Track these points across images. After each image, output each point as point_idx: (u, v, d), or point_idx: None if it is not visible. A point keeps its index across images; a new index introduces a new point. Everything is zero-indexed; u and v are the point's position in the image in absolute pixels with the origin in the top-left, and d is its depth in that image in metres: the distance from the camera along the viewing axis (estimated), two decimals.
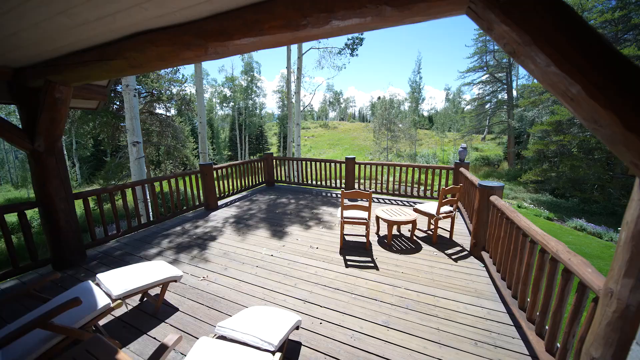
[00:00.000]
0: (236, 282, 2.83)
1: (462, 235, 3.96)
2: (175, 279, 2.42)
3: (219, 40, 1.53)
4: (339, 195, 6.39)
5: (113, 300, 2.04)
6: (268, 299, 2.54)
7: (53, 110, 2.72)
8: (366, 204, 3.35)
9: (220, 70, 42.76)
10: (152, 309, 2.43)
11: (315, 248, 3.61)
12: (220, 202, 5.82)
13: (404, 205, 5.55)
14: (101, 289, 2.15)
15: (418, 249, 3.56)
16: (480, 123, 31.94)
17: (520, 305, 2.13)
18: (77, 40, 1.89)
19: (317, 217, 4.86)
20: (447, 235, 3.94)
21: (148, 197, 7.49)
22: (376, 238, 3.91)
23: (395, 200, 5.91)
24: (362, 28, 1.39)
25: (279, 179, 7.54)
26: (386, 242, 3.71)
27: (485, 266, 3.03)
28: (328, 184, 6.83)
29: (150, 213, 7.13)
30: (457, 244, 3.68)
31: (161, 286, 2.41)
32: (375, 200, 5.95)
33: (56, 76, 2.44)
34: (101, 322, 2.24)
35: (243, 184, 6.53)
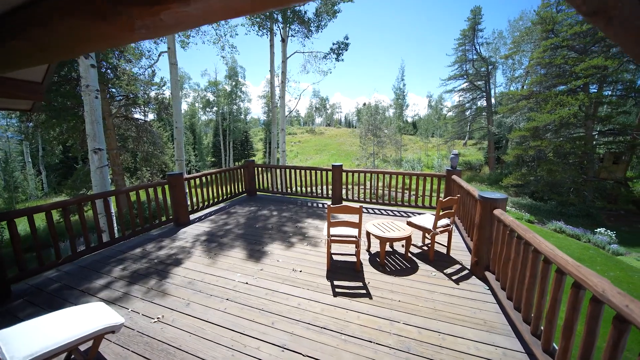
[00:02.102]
0: (199, 324, 2.28)
1: (460, 251, 3.62)
2: (112, 329, 1.86)
3: (146, 7, 1.06)
4: (325, 206, 5.95)
5: None
6: (237, 348, 2.02)
7: None
8: (355, 218, 2.93)
9: (203, 74, 41.67)
10: None
11: (299, 271, 3.12)
12: (193, 216, 5.20)
13: (395, 216, 5.19)
14: None
15: (414, 268, 3.17)
16: (461, 129, 32.93)
17: (544, 348, 1.75)
18: None
19: (301, 231, 4.38)
20: (443, 250, 3.59)
21: (113, 212, 6.69)
22: (367, 256, 3.49)
23: (385, 210, 5.55)
24: None
25: (263, 187, 7.00)
26: (379, 262, 3.29)
27: (491, 288, 2.68)
28: (314, 192, 6.39)
29: (116, 230, 6.34)
30: (455, 261, 3.33)
31: (93, 340, 1.84)
32: (364, 210, 5.56)
33: None
34: None
35: (221, 194, 5.95)
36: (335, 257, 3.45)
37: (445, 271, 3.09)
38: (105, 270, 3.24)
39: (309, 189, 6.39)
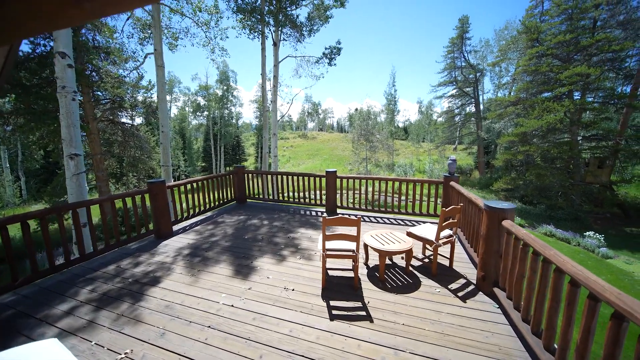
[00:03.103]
0: None
1: (463, 263, 3.41)
2: None
3: None
4: (319, 214, 5.68)
5: None
6: None
7: None
8: (353, 231, 2.68)
9: (194, 78, 41.03)
10: None
11: (291, 290, 2.83)
12: (177, 227, 4.83)
13: (392, 224, 4.97)
14: None
15: (416, 284, 2.93)
16: (452, 134, 33.47)
17: None
18: None
19: (293, 243, 4.09)
20: (445, 262, 3.37)
21: (86, 224, 6.21)
22: (365, 270, 3.23)
23: (381, 218, 5.32)
24: None
25: (253, 194, 6.68)
26: (378, 277, 3.04)
27: (501, 307, 2.46)
28: (307, 197, 6.11)
29: (88, 245, 5.86)
30: (459, 275, 3.11)
31: None
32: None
33: None
34: None
35: (208, 201, 5.59)
36: (331, 273, 3.18)
37: (449, 287, 2.86)
38: (71, 292, 2.86)
39: (301, 194, 6.12)
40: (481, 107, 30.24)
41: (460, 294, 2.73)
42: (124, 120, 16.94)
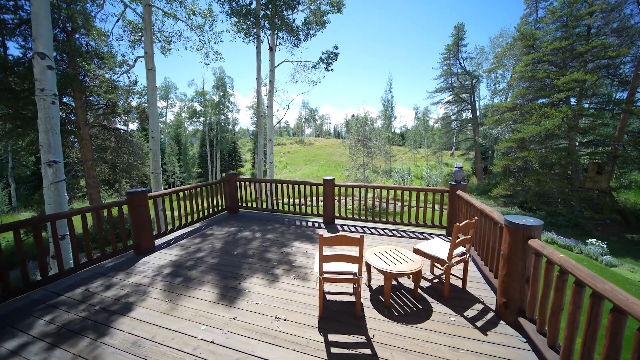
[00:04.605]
0: None
1: (477, 283, 3.05)
2: None
3: None
4: (316, 225, 5.30)
5: None
6: None
7: None
8: (354, 251, 2.32)
9: (190, 84, 40.81)
10: None
11: (283, 320, 2.43)
12: (160, 240, 4.41)
13: (395, 236, 4.61)
14: None
15: (427, 310, 2.56)
16: (448, 140, 33.50)
17: None
18: None
19: (287, 259, 3.70)
20: (457, 282, 3.00)
21: (61, 236, 5.75)
22: (368, 293, 2.85)
23: (383, 229, 4.96)
24: None
25: (246, 203, 6.28)
26: (383, 302, 2.66)
27: (530, 341, 2.09)
28: (303, 204, 5.73)
29: (55, 264, 5.39)
30: (474, 298, 2.75)
31: None
32: (359, 230, 4.95)
33: None
34: None
35: (196, 210, 5.19)
36: (329, 297, 2.79)
37: (465, 314, 2.49)
38: (25, 324, 2.43)
39: (297, 200, 5.75)
40: (478, 113, 30.38)
41: (479, 323, 2.36)
42: (117, 125, 16.58)
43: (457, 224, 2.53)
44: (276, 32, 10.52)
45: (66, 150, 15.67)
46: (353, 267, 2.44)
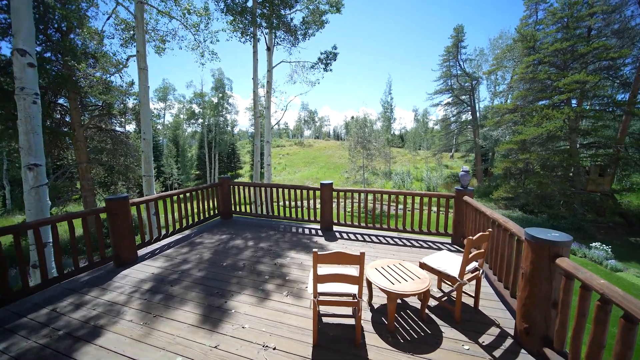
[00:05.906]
0: None
1: (490, 301, 2.74)
2: None
3: None
4: (313, 232, 4.99)
5: None
6: None
7: None
8: (353, 270, 2.02)
9: (189, 85, 40.58)
10: None
11: (272, 349, 2.11)
12: (144, 250, 4.09)
13: (397, 244, 4.30)
14: None
15: (437, 336, 2.25)
16: (448, 142, 33.30)
17: None
18: None
19: (281, 272, 3.38)
20: (469, 301, 2.69)
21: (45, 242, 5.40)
22: (369, 314, 2.54)
23: (384, 237, 4.65)
24: None
25: (240, 208, 5.96)
26: (386, 326, 2.35)
27: None
28: (299, 208, 5.43)
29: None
30: (489, 321, 2.44)
31: None
32: (360, 238, 4.64)
33: None
34: None
35: (187, 216, 4.87)
36: (325, 319, 2.47)
37: (480, 340, 2.18)
38: None
39: (293, 203, 5.44)
40: (478, 114, 30.20)
41: (497, 353, 2.05)
42: (114, 127, 16.30)
43: (470, 237, 2.23)
44: (274, 31, 10.27)
45: (61, 152, 15.36)
46: (352, 288, 2.13)
